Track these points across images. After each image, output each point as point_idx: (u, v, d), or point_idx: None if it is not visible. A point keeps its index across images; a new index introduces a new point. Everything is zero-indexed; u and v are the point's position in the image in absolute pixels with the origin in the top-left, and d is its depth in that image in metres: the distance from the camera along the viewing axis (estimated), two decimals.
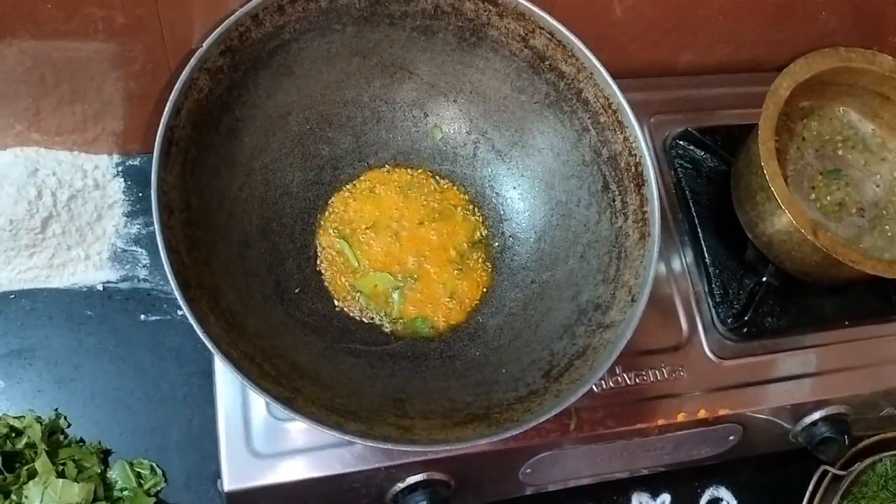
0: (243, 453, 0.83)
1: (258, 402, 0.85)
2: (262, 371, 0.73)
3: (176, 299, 1.02)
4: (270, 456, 0.84)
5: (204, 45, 0.77)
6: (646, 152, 0.84)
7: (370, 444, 0.70)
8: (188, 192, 0.76)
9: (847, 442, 1.01)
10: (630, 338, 0.79)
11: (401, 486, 0.87)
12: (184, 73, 0.76)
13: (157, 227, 0.71)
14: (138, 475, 0.95)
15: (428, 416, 0.79)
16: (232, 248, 0.82)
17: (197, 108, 0.77)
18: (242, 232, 0.84)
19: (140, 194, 1.08)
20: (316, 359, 0.82)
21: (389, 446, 0.70)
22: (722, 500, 1.12)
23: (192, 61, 0.76)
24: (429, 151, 0.97)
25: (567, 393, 0.76)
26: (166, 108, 0.74)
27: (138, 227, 1.07)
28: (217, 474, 0.92)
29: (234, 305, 0.78)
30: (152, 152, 1.06)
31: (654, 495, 1.10)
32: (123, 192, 1.08)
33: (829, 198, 0.99)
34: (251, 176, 0.86)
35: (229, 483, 0.82)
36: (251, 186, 0.86)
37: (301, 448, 0.85)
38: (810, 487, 1.06)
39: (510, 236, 0.95)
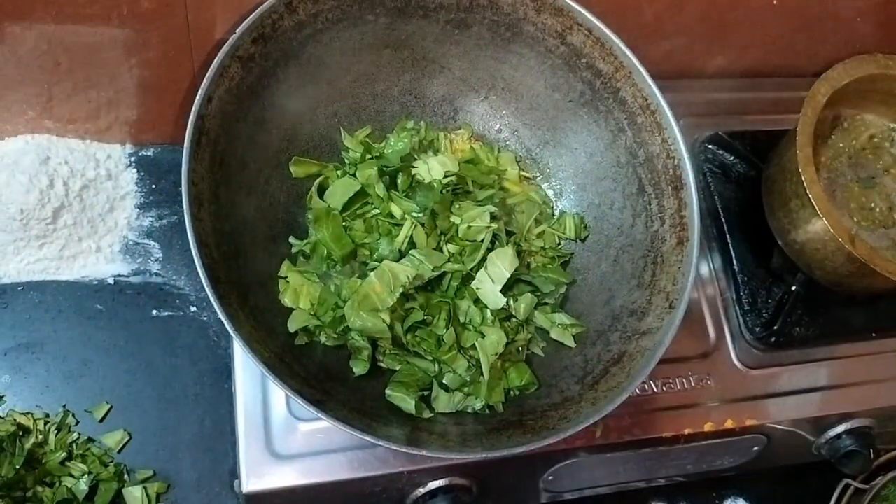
0: (263, 454, 0.81)
1: (278, 402, 0.83)
2: (293, 371, 0.70)
3: (188, 295, 1.02)
4: (290, 457, 0.81)
5: (237, 31, 0.74)
6: (685, 155, 0.82)
7: (405, 450, 0.68)
8: (217, 183, 0.74)
9: (872, 455, 0.99)
10: (668, 346, 0.77)
11: (422, 490, 0.85)
12: (216, 60, 0.73)
13: (187, 218, 0.68)
14: None
15: (459, 421, 0.76)
16: (259, 244, 0.79)
17: (228, 96, 0.75)
18: (269, 227, 0.81)
19: (153, 186, 1.05)
20: (342, 360, 0.79)
21: (425, 453, 0.68)
22: None
23: (225, 48, 0.74)
24: None
25: (605, 401, 0.74)
26: (197, 96, 0.72)
27: (151, 219, 1.04)
28: (233, 474, 0.90)
29: (261, 303, 0.75)
30: (166, 143, 1.06)
31: None
32: (136, 183, 1.05)
33: (860, 208, 0.97)
34: (279, 169, 0.83)
35: (248, 484, 0.80)
36: (279, 180, 0.83)
37: (322, 450, 0.82)
38: (833, 500, 1.05)
39: None
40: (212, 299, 0.67)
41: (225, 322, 0.66)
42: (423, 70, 0.90)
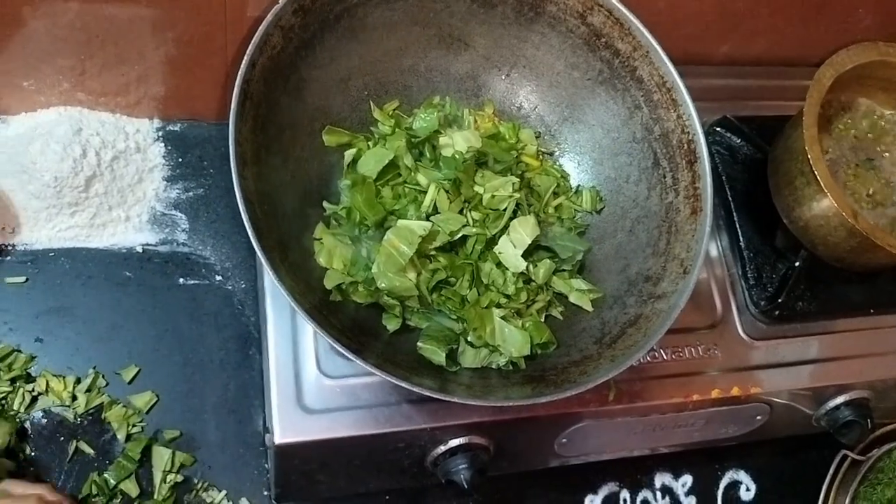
0: (294, 408, 0.84)
1: (309, 359, 0.86)
2: (330, 323, 0.74)
3: (214, 265, 1.06)
4: (320, 412, 0.85)
5: (280, 2, 0.78)
6: (699, 130, 0.86)
7: (437, 396, 0.71)
8: (258, 146, 0.77)
9: (870, 426, 1.03)
10: (683, 308, 0.81)
11: (443, 448, 0.88)
12: (260, 28, 0.77)
13: (234, 176, 0.72)
14: None
15: (484, 375, 0.80)
16: (295, 207, 0.83)
17: (270, 64, 0.79)
18: (303, 191, 0.85)
19: (180, 160, 1.09)
20: (374, 317, 0.83)
21: (456, 399, 0.72)
22: (741, 482, 1.14)
23: (269, 17, 0.77)
24: None
25: (623, 357, 0.78)
26: (243, 62, 0.75)
27: (178, 191, 1.08)
28: (265, 429, 0.93)
29: (297, 260, 0.79)
30: (193, 118, 1.09)
31: (676, 476, 1.13)
32: (163, 156, 1.08)
33: (861, 189, 1.02)
34: (312, 137, 0.87)
35: (280, 436, 0.83)
36: (311, 147, 0.87)
37: (350, 405, 0.86)
38: (831, 471, 1.09)
39: None
40: (258, 251, 0.70)
41: (271, 273, 0.70)
42: (448, 47, 0.94)
